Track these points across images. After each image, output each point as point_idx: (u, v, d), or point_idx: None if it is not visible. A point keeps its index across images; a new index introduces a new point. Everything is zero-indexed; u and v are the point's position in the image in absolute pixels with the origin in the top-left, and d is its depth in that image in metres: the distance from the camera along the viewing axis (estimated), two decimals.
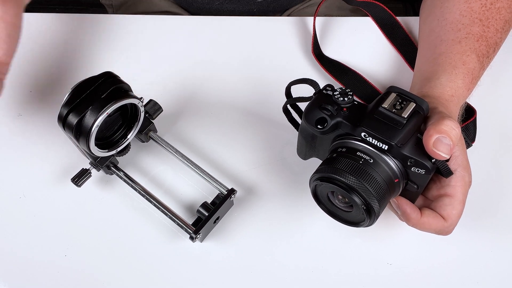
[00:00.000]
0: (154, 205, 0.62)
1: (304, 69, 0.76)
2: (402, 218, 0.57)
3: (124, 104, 0.59)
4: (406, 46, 0.77)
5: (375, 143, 0.53)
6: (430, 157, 0.52)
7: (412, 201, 0.57)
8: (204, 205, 0.62)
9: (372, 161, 0.53)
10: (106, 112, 0.56)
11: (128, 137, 0.63)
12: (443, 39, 0.66)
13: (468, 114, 0.67)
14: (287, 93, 0.61)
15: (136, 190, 0.63)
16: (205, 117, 0.72)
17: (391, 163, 0.54)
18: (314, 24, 0.75)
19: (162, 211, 0.61)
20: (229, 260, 0.62)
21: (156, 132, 0.67)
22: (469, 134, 0.67)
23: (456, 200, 0.55)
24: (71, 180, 0.62)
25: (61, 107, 0.56)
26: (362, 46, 0.78)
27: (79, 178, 0.62)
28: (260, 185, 0.66)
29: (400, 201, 0.56)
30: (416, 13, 0.78)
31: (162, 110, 0.66)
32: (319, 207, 0.58)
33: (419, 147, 0.53)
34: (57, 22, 0.79)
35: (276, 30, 0.80)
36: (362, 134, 0.54)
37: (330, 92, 0.57)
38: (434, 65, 0.64)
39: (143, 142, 0.68)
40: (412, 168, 0.53)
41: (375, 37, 0.79)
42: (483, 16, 0.66)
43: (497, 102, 0.73)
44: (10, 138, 0.69)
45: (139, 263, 0.62)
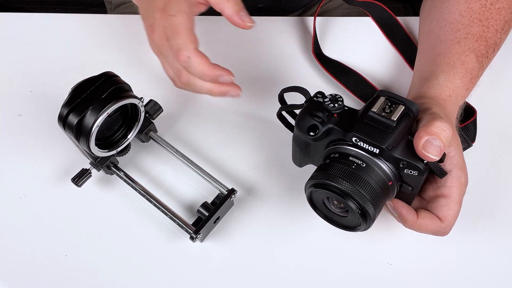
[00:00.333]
0: (154, 205, 0.62)
1: (304, 69, 0.76)
2: (399, 220, 0.57)
3: (124, 104, 0.59)
4: (406, 46, 0.77)
5: (367, 147, 0.54)
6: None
7: (408, 203, 0.57)
8: (204, 205, 0.62)
9: (364, 165, 0.53)
10: (107, 112, 0.56)
11: (128, 137, 0.63)
12: (442, 39, 0.66)
13: (468, 114, 0.67)
14: (280, 99, 0.62)
15: (136, 190, 0.63)
16: (205, 117, 0.72)
17: (383, 166, 0.54)
18: (314, 24, 0.75)
19: (162, 211, 0.61)
20: (229, 260, 0.62)
21: (156, 132, 0.67)
22: (469, 134, 0.67)
23: (452, 200, 0.55)
24: (71, 180, 0.62)
25: (62, 107, 0.56)
26: (362, 46, 0.78)
27: (79, 178, 0.62)
28: (260, 185, 0.66)
29: (396, 204, 0.56)
30: (416, 13, 0.78)
31: (162, 110, 0.66)
32: (316, 212, 0.58)
33: (411, 149, 0.53)
34: (57, 22, 0.79)
35: (276, 30, 0.80)
36: (353, 139, 0.54)
37: (320, 99, 0.57)
38: (433, 65, 0.64)
39: (143, 142, 0.68)
40: (405, 170, 0.53)
41: (375, 37, 0.79)
42: (483, 17, 0.65)
43: (497, 102, 0.73)
44: (10, 138, 0.69)
45: (140, 263, 0.62)
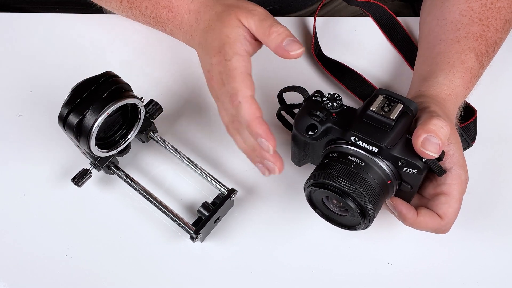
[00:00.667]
0: (155, 205, 0.62)
1: (304, 69, 0.76)
2: (399, 218, 0.57)
3: (125, 104, 0.59)
4: (406, 46, 0.77)
5: (366, 146, 0.54)
6: (421, 157, 0.53)
7: (407, 201, 0.57)
8: (205, 205, 0.62)
9: (363, 164, 0.53)
10: (107, 112, 0.56)
11: (129, 137, 0.63)
12: (442, 38, 0.66)
13: (469, 114, 0.67)
14: (280, 99, 0.62)
15: (136, 190, 0.63)
16: (206, 117, 0.71)
17: (382, 165, 0.54)
18: (314, 24, 0.75)
19: (162, 211, 0.61)
20: (229, 260, 0.62)
21: (157, 132, 0.67)
22: (469, 134, 0.67)
23: (452, 198, 0.55)
24: (71, 180, 0.62)
25: (62, 107, 0.56)
26: (362, 46, 0.78)
27: (80, 178, 0.62)
28: (260, 185, 0.66)
29: (395, 202, 0.56)
30: (416, 13, 0.78)
31: (162, 110, 0.66)
32: (315, 212, 0.58)
33: (409, 147, 0.53)
34: (57, 22, 0.79)
35: None
36: (352, 138, 0.54)
37: (319, 98, 0.57)
38: (433, 64, 0.64)
39: (143, 142, 0.68)
40: (404, 169, 0.54)
41: (375, 37, 0.79)
42: (483, 16, 0.65)
43: (497, 102, 0.73)
44: (10, 138, 0.69)
45: (140, 263, 0.62)
